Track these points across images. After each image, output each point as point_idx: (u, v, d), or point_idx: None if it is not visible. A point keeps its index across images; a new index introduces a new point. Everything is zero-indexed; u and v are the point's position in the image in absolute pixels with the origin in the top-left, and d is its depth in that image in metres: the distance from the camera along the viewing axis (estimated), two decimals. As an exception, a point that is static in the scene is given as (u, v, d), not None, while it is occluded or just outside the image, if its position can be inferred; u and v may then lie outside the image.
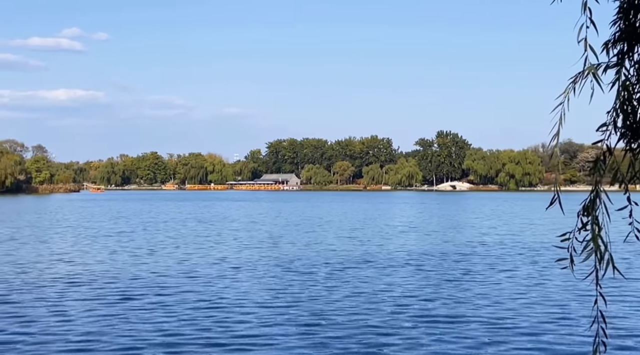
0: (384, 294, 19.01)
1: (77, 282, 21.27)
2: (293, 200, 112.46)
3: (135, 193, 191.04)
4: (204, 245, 33.24)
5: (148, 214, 65.47)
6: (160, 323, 15.23)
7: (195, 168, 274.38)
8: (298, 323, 15.19)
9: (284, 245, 33.14)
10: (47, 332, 14.42)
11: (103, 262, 26.53)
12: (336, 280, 21.61)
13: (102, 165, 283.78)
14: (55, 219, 57.33)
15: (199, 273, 23.23)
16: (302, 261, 26.47)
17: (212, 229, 44.78)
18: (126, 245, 33.54)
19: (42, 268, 24.62)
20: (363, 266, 25.04)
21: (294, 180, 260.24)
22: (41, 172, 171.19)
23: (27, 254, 29.20)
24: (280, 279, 21.75)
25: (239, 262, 26.14)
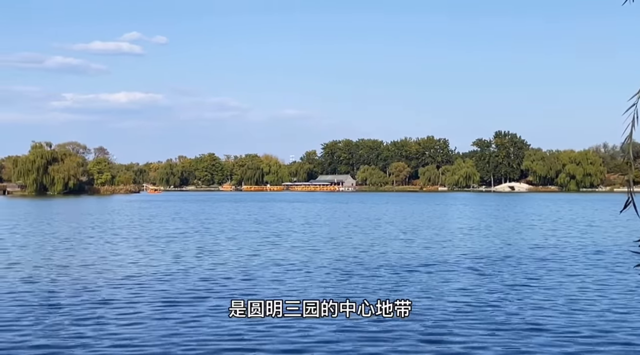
0: (446, 298, 18.55)
1: (144, 283, 21.43)
2: (349, 201, 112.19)
3: (192, 194, 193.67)
4: (264, 246, 33.22)
5: (206, 215, 66.08)
6: (225, 327, 15.13)
7: (252, 169, 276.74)
8: (362, 330, 14.91)
9: (342, 247, 32.86)
10: (120, 336, 14.49)
11: (165, 263, 26.70)
12: (395, 283, 21.22)
13: (161, 166, 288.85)
14: (117, 219, 58.35)
15: (259, 275, 23.13)
16: (360, 263, 26.14)
17: (270, 230, 44.84)
18: (186, 246, 33.77)
19: (107, 269, 24.93)
20: (421, 269, 24.55)
21: (350, 181, 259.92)
22: (103, 174, 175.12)
23: (94, 255, 29.67)
24: (339, 282, 21.48)
25: (298, 264, 25.96)
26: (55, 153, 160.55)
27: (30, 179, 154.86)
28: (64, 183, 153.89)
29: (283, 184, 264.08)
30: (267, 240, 37.23)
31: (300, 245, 33.89)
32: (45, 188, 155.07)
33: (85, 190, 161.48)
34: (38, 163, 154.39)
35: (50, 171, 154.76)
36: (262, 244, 34.93)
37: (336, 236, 39.86)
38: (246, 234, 41.91)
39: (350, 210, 76.77)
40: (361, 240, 36.65)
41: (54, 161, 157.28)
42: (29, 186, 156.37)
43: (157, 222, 54.24)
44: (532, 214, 68.16)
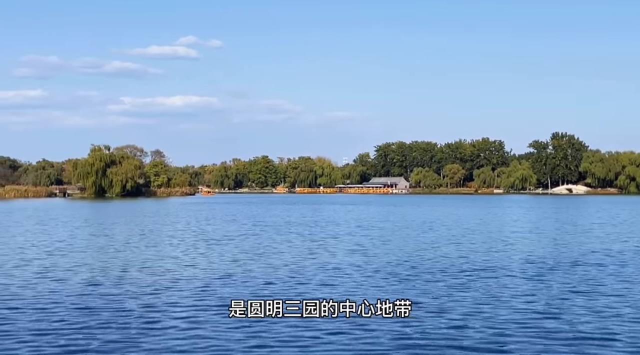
0: (505, 304, 18.11)
1: (206, 286, 21.57)
2: (402, 204, 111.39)
3: (245, 196, 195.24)
4: (318, 249, 33.13)
5: (260, 217, 66.43)
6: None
7: (305, 171, 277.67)
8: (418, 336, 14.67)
9: (396, 251, 32.52)
10: (177, 337, 14.59)
11: (223, 265, 26.86)
12: (450, 288, 20.86)
13: (215, 169, 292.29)
14: (175, 221, 59.14)
15: (316, 278, 23.05)
16: (415, 267, 25.80)
17: (325, 232, 44.73)
18: (243, 248, 33.93)
19: (169, 271, 25.22)
20: (477, 274, 24.07)
21: (403, 183, 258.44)
22: (159, 176, 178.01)
23: (156, 257, 30.08)
24: (394, 286, 21.23)
25: (352, 268, 25.77)
26: (113, 156, 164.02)
27: (90, 182, 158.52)
28: (121, 185, 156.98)
29: (336, 186, 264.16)
30: (321, 243, 37.15)
31: (354, 248, 33.68)
32: (103, 190, 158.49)
33: (142, 192, 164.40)
34: (97, 166, 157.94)
35: (108, 174, 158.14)
36: (316, 246, 34.86)
37: (390, 239, 39.52)
38: (300, 236, 41.91)
39: (404, 213, 76.17)
40: (416, 244, 36.24)
41: (112, 164, 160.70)
42: (88, 188, 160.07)
43: (213, 224, 54.75)
44: (591, 217, 66.45)
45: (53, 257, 29.83)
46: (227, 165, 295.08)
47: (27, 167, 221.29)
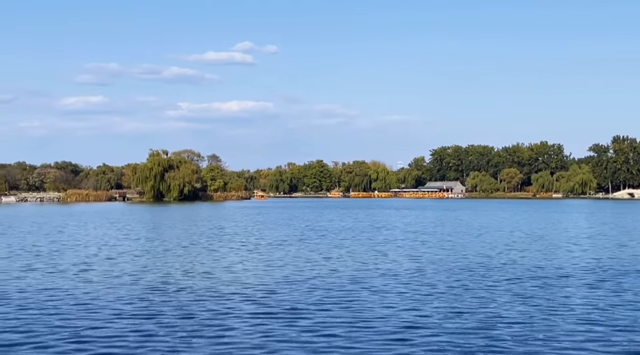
0: (571, 316, 17.66)
1: (267, 292, 21.68)
2: (459, 209, 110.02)
3: (300, 200, 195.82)
4: (373, 254, 32.94)
5: (315, 222, 66.49)
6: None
7: (360, 176, 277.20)
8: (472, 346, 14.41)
9: (455, 257, 32.09)
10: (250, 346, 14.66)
11: (281, 271, 26.95)
12: (505, 295, 20.45)
13: (271, 173, 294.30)
14: (231, 225, 59.67)
15: (376, 286, 22.91)
16: (474, 273, 25.40)
17: (382, 237, 44.45)
18: (298, 253, 33.99)
19: (231, 275, 25.45)
20: (538, 281, 23.54)
21: (459, 187, 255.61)
22: (215, 181, 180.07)
23: (216, 261, 30.40)
24: (453, 293, 20.93)
25: (409, 274, 25.53)
26: (171, 161, 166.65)
27: (148, 186, 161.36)
28: (179, 190, 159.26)
29: (391, 191, 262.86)
30: (380, 248, 36.93)
31: (410, 254, 33.38)
32: (161, 194, 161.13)
33: (199, 196, 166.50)
34: (155, 170, 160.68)
35: (166, 178, 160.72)
36: (373, 252, 34.67)
37: (448, 246, 39.03)
38: (356, 241, 41.75)
39: (462, 218, 75.20)
40: (475, 250, 35.69)
41: (170, 168, 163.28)
42: (147, 192, 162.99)
43: (269, 229, 55.01)
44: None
45: (125, 261, 30.44)
46: (282, 170, 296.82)
47: (88, 172, 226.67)
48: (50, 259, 31.04)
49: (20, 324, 16.47)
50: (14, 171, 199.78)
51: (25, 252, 34.67)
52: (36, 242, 41.07)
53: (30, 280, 23.92)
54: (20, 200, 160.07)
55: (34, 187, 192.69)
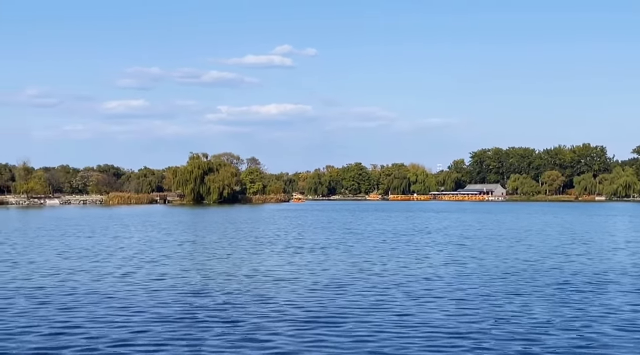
0: (616, 321, 17.26)
1: (316, 295, 21.65)
2: (500, 211, 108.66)
3: (338, 203, 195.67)
4: (414, 258, 32.69)
5: (353, 225, 66.33)
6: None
7: (398, 178, 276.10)
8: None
9: (497, 260, 31.66)
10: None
11: (323, 272, 26.90)
12: (551, 300, 20.08)
13: (309, 176, 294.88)
14: (271, 228, 59.89)
15: (416, 288, 22.74)
16: (519, 278, 25.01)
17: (424, 241, 44.14)
18: (338, 256, 33.91)
19: (272, 278, 25.51)
20: (585, 287, 23.08)
21: (499, 190, 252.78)
22: (254, 183, 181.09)
23: (257, 264, 30.54)
24: (499, 300, 20.62)
25: (454, 278, 25.27)
26: (211, 164, 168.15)
27: (188, 189, 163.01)
28: (219, 192, 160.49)
29: (430, 193, 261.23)
30: (418, 252, 36.65)
31: (453, 258, 33.06)
32: (201, 197, 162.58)
33: (238, 199, 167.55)
34: (195, 173, 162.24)
35: (206, 181, 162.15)
36: (414, 256, 34.41)
37: (490, 249, 38.53)
38: (397, 245, 41.49)
39: (503, 221, 74.24)
40: (519, 254, 35.16)
41: (209, 171, 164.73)
42: (187, 195, 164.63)
43: (308, 232, 55.01)
44: None
45: (165, 264, 30.76)
46: (321, 173, 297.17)
47: (130, 175, 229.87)
48: (95, 262, 31.49)
49: (65, 327, 16.68)
50: (58, 174, 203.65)
51: (72, 254, 35.24)
52: (82, 244, 41.73)
53: (75, 283, 24.26)
54: (64, 203, 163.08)
55: (77, 190, 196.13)
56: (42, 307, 19.25)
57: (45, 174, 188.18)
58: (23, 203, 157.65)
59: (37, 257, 33.74)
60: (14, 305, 19.71)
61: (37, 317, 17.77)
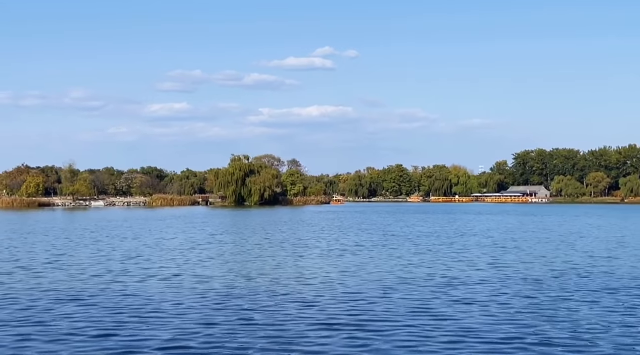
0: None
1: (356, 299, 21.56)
2: (545, 214, 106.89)
3: (379, 205, 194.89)
4: (458, 261, 32.33)
5: (394, 227, 65.98)
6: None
7: (440, 180, 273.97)
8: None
9: (543, 263, 31.13)
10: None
11: (368, 276, 26.80)
12: (600, 306, 19.64)
13: (350, 178, 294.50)
14: (312, 230, 59.96)
15: (462, 292, 22.48)
16: (565, 281, 24.55)
17: (463, 243, 43.65)
18: (381, 259, 33.75)
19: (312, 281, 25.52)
20: (637, 290, 22.55)
21: (543, 192, 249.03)
22: (295, 185, 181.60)
23: (302, 267, 30.59)
24: (542, 304, 20.26)
25: (500, 282, 24.92)
26: (252, 166, 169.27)
27: (230, 191, 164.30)
28: (260, 194, 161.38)
29: (472, 195, 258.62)
30: (463, 255, 36.27)
31: (498, 261, 32.63)
32: (243, 199, 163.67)
33: (279, 201, 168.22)
34: (237, 175, 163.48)
35: (248, 183, 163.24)
36: (458, 259, 34.05)
37: (537, 253, 37.91)
38: (440, 247, 41.14)
39: (548, 224, 73.01)
40: (566, 258, 34.54)
41: (251, 173, 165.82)
42: (228, 197, 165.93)
43: (350, 235, 54.88)
44: None
45: (213, 266, 31.02)
46: (362, 174, 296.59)
47: (173, 177, 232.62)
48: (141, 264, 31.90)
49: (111, 330, 16.87)
50: (103, 176, 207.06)
51: (120, 256, 35.76)
52: (128, 246, 42.35)
53: (120, 285, 24.58)
54: (109, 205, 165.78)
55: (121, 192, 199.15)
56: (91, 308, 19.54)
57: (91, 176, 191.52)
58: (69, 205, 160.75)
59: (85, 258, 34.33)
60: (62, 307, 20.04)
61: (86, 319, 18.02)
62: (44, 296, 21.73)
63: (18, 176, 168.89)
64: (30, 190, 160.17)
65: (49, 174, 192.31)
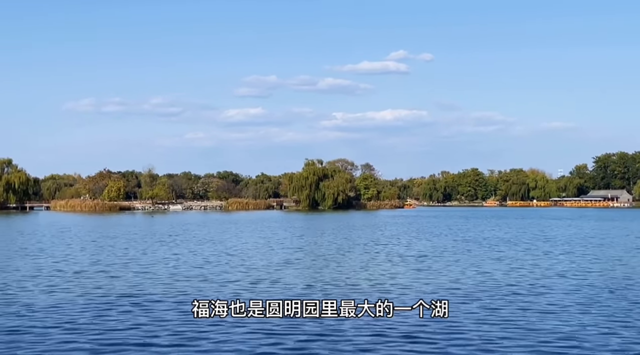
0: None
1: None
2: (628, 219, 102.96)
3: (454, 209, 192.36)
4: (542, 268, 31.47)
5: (471, 232, 64.89)
6: None
7: (517, 184, 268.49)
8: None
9: (631, 272, 29.95)
10: None
11: (450, 283, 26.42)
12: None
13: (424, 182, 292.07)
14: (386, 234, 59.66)
15: (550, 302, 21.85)
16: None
17: (545, 250, 42.52)
18: (459, 265, 33.22)
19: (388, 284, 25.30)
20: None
21: (625, 196, 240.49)
22: (369, 189, 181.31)
23: (377, 269, 30.43)
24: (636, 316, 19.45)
25: (591, 291, 24.11)
26: (326, 170, 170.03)
27: (304, 195, 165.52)
28: (333, 198, 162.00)
29: (550, 200, 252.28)
30: (545, 263, 35.32)
31: (584, 269, 31.60)
32: (316, 203, 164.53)
33: (352, 205, 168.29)
34: (311, 179, 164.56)
35: (321, 187, 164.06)
36: (541, 266, 33.17)
37: (625, 259, 36.53)
38: (520, 253, 40.19)
39: (633, 229, 70.31)
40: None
41: (324, 177, 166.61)
42: (302, 201, 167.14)
43: (426, 239, 54.31)
44: None
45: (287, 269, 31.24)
46: (436, 178, 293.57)
47: (248, 181, 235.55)
48: (221, 266, 32.37)
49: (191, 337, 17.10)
50: (181, 181, 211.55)
51: (201, 260, 36.40)
52: (209, 249, 43.09)
53: (204, 288, 24.95)
54: (186, 209, 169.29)
55: (198, 196, 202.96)
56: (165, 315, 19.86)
57: (169, 180, 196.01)
58: (148, 208, 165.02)
59: (169, 261, 35.08)
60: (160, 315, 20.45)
61: (158, 326, 18.32)
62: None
63: (100, 180, 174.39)
64: (112, 194, 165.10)
65: (129, 179, 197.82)
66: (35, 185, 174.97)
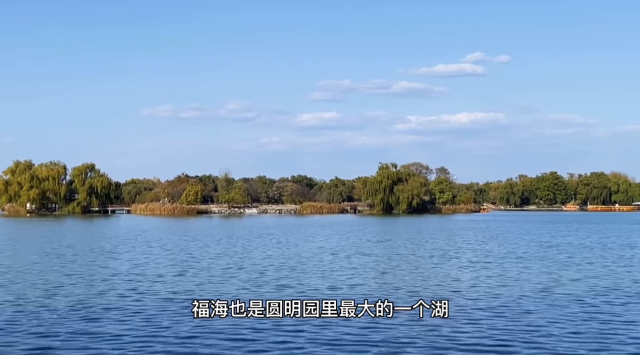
0: None
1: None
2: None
3: (532, 214, 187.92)
4: (630, 279, 30.46)
5: (551, 237, 63.34)
6: None
7: (598, 188, 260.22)
8: None
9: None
10: None
11: (539, 292, 25.93)
12: None
13: (501, 186, 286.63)
14: (463, 239, 58.93)
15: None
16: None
17: (630, 257, 41.09)
18: (539, 271, 32.49)
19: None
20: None
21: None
22: (444, 193, 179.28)
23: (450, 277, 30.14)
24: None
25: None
26: (400, 174, 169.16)
27: (378, 199, 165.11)
28: (408, 202, 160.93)
29: (634, 204, 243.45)
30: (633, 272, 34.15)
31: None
32: (390, 207, 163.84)
33: (427, 209, 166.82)
34: (385, 183, 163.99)
35: (395, 191, 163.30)
36: (628, 275, 32.09)
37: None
38: (605, 261, 38.97)
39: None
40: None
41: (399, 181, 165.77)
42: (376, 205, 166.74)
43: (503, 244, 53.37)
44: None
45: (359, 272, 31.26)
46: (513, 182, 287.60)
47: (322, 185, 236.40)
48: (304, 271, 32.65)
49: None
50: (256, 184, 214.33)
51: (279, 262, 36.86)
52: (290, 253, 43.57)
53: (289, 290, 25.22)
54: (261, 212, 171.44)
55: (273, 200, 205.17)
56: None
57: (245, 184, 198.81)
58: (225, 212, 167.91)
59: (257, 261, 35.64)
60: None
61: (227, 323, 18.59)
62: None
63: (178, 185, 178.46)
64: (190, 198, 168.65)
65: (206, 183, 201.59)
66: (117, 189, 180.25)
